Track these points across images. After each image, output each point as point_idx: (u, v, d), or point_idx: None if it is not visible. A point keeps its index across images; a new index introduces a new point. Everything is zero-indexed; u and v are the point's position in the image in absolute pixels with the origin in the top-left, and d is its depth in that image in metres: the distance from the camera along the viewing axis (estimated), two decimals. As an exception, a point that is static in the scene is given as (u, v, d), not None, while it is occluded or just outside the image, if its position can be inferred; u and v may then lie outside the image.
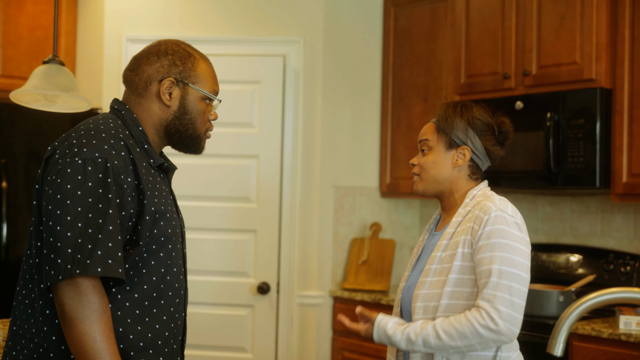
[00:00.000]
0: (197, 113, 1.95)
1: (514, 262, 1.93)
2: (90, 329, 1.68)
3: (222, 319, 4.05)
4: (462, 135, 2.12)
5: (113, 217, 1.71)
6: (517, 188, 3.91)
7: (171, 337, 1.87)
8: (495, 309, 1.88)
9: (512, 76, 3.79)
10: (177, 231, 1.90)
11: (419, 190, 2.18)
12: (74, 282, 1.68)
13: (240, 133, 4.08)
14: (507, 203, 2.05)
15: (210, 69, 1.99)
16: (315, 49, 4.15)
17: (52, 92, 2.74)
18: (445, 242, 2.06)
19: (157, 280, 1.82)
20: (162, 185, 1.89)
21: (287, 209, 4.06)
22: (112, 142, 1.77)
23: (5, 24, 4.14)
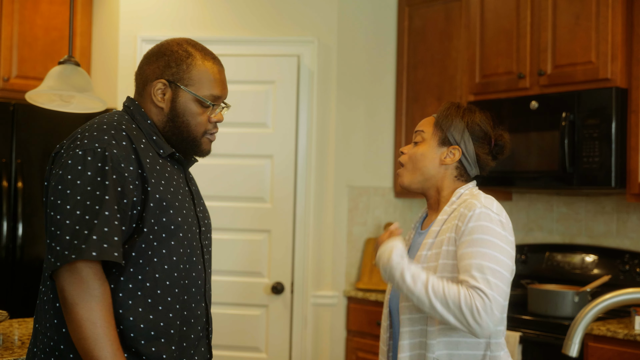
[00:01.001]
0: (189, 115, 1.92)
1: (495, 258, 1.90)
2: (90, 315, 1.70)
3: (236, 318, 4.06)
4: (458, 136, 2.10)
5: (109, 202, 1.74)
6: (532, 188, 3.89)
7: (185, 327, 1.88)
8: (482, 299, 1.85)
9: (527, 76, 3.78)
10: (191, 221, 1.90)
11: (404, 182, 2.15)
12: (74, 268, 1.71)
13: (254, 133, 4.08)
14: (493, 201, 2.02)
15: (211, 71, 1.94)
16: (330, 49, 4.15)
17: (68, 93, 2.76)
18: (430, 240, 2.04)
19: (170, 268, 1.83)
20: (173, 176, 1.91)
21: (301, 209, 4.06)
22: (112, 133, 1.81)
23: (21, 24, 4.17)
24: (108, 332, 1.70)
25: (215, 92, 1.94)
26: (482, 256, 1.89)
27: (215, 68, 1.95)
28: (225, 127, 4.12)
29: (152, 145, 1.89)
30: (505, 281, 1.90)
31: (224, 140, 4.09)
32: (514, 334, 3.39)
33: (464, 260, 1.92)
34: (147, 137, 1.89)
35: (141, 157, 1.82)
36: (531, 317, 3.46)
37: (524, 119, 3.73)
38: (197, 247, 1.93)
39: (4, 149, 3.88)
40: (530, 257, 4.06)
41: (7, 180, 3.87)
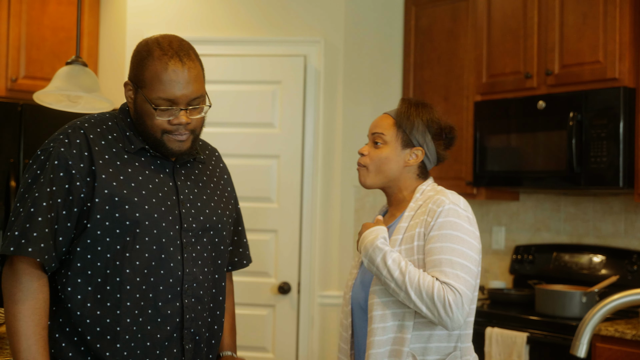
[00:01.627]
0: (146, 117, 1.87)
1: (464, 254, 1.95)
2: (14, 308, 1.76)
3: (243, 318, 4.06)
4: (420, 137, 2.13)
5: (38, 199, 1.79)
6: (540, 188, 3.89)
7: (149, 326, 1.84)
8: (453, 294, 1.90)
9: (534, 75, 3.77)
10: (158, 217, 1.85)
11: (366, 183, 2.17)
12: (10, 262, 1.79)
13: (261, 133, 4.09)
14: (460, 197, 2.07)
15: (163, 73, 1.82)
16: (336, 49, 4.14)
17: (75, 93, 2.77)
18: (399, 236, 2.06)
19: (122, 265, 1.82)
20: (144, 171, 1.88)
21: (307, 209, 4.06)
22: (69, 132, 1.86)
23: (29, 25, 4.18)
24: (26, 327, 1.75)
25: (165, 94, 1.83)
26: (452, 251, 1.95)
27: (170, 67, 1.83)
28: (232, 127, 4.13)
29: (125, 141, 1.90)
30: (473, 275, 1.96)
31: (230, 141, 4.09)
32: (521, 334, 3.38)
33: (434, 255, 1.96)
34: (122, 133, 1.91)
35: (96, 154, 1.84)
36: (538, 317, 3.45)
37: (531, 118, 3.73)
38: (173, 244, 1.88)
39: (12, 149, 3.90)
40: (538, 258, 4.05)
41: (15, 179, 3.88)
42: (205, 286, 1.96)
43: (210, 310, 1.99)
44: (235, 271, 2.31)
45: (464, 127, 4.13)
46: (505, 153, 3.87)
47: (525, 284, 4.04)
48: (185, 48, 1.90)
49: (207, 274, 1.97)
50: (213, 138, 4.10)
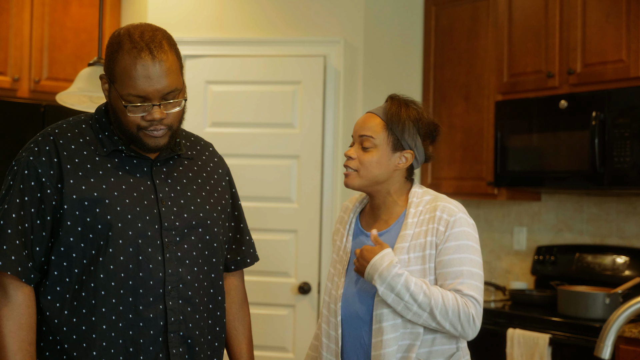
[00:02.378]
0: (119, 112, 1.79)
1: (479, 264, 2.00)
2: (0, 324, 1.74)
3: (263, 318, 4.07)
4: (410, 140, 2.07)
5: (8, 211, 1.77)
6: (562, 188, 3.86)
7: (131, 331, 1.79)
8: (475, 307, 1.94)
9: (556, 75, 3.74)
10: (132, 218, 1.79)
11: (354, 185, 2.09)
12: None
13: (281, 133, 4.09)
14: (459, 205, 2.07)
15: (132, 68, 1.73)
16: (356, 49, 4.14)
17: (97, 94, 2.78)
18: (405, 244, 2.01)
19: (96, 270, 1.77)
20: (117, 172, 1.83)
21: (327, 209, 4.06)
22: (39, 140, 1.83)
23: (51, 27, 4.21)
24: (12, 344, 1.72)
25: (135, 91, 1.74)
26: (470, 262, 1.97)
27: (140, 62, 1.74)
28: (252, 127, 4.14)
29: (97, 143, 1.85)
30: (483, 282, 2.01)
31: (250, 141, 4.10)
32: (543, 335, 3.36)
33: (454, 267, 1.96)
34: (95, 134, 1.86)
35: (64, 159, 1.80)
36: (561, 318, 3.43)
37: (553, 118, 3.70)
38: (152, 244, 1.81)
39: (34, 150, 3.93)
40: (560, 258, 4.02)
41: (38, 180, 3.91)
42: (195, 286, 1.88)
43: (208, 311, 1.92)
44: (254, 270, 2.24)
45: (485, 127, 4.11)
46: (526, 153, 3.84)
47: (547, 285, 4.01)
48: (157, 39, 1.77)
49: (198, 274, 1.89)
50: (233, 138, 4.13)
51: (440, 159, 4.35)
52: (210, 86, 4.13)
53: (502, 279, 4.40)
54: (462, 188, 4.24)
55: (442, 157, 4.34)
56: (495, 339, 3.58)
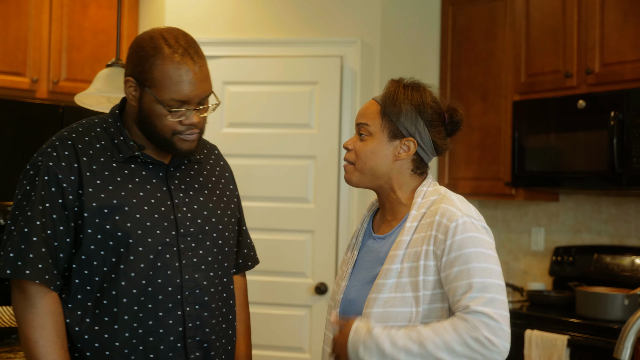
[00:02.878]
0: (154, 117, 1.78)
1: (494, 272, 1.68)
2: (34, 333, 1.71)
3: (279, 319, 4.08)
4: (410, 126, 1.81)
5: (31, 218, 1.73)
6: (580, 189, 3.84)
7: (151, 337, 1.79)
8: (487, 325, 1.63)
9: (574, 74, 3.72)
10: (151, 225, 1.79)
11: (352, 181, 1.86)
12: (19, 284, 1.73)
13: (297, 134, 4.10)
14: (470, 205, 1.79)
15: (175, 73, 1.74)
16: (373, 49, 4.14)
17: (115, 95, 2.80)
18: (400, 252, 1.75)
19: (117, 277, 1.77)
20: (134, 178, 1.82)
21: (344, 209, 4.06)
22: (56, 145, 1.80)
23: (70, 28, 4.24)
24: (50, 353, 1.70)
25: (179, 96, 1.75)
26: (481, 273, 1.67)
27: (183, 67, 1.75)
28: (269, 128, 4.15)
29: (113, 149, 1.83)
30: (504, 292, 1.69)
31: (267, 141, 4.11)
32: (561, 337, 3.34)
33: (462, 280, 1.67)
34: (110, 140, 1.84)
35: (84, 165, 1.78)
36: (579, 320, 3.41)
37: (571, 118, 3.68)
38: (169, 251, 1.81)
39: (53, 151, 3.96)
40: (578, 259, 4.00)
41: (56, 181, 3.94)
42: (211, 292, 1.88)
43: (222, 315, 1.92)
44: (271, 271, 2.23)
45: (502, 127, 4.09)
46: (544, 153, 3.82)
47: (565, 285, 3.98)
48: (192, 44, 1.80)
49: (213, 279, 1.89)
50: (249, 139, 4.14)
51: (458, 159, 4.34)
52: (227, 87, 4.14)
53: (520, 280, 4.39)
54: (480, 188, 4.22)
55: (459, 157, 4.33)
56: (513, 340, 3.53)
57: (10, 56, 4.06)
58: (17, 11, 4.07)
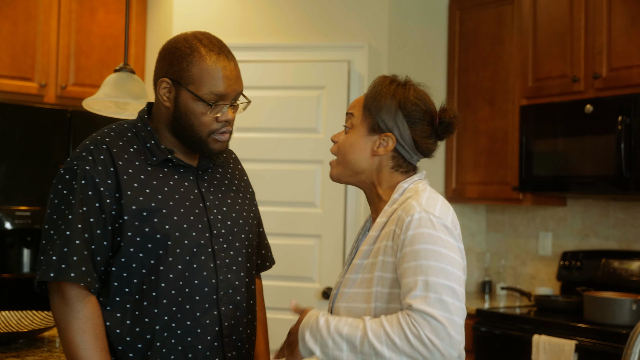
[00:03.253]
0: (192, 115, 1.82)
1: (444, 272, 1.57)
2: (76, 337, 1.72)
3: (286, 323, 4.06)
4: (389, 120, 1.74)
5: (72, 221, 1.74)
6: (588, 193, 3.83)
7: (190, 337, 1.82)
8: (429, 324, 1.52)
9: (582, 79, 3.72)
10: (188, 227, 1.83)
11: (334, 176, 1.83)
12: (58, 289, 1.74)
13: (305, 138, 4.10)
14: (437, 202, 1.68)
15: (213, 68, 1.81)
16: (380, 54, 4.14)
17: (123, 100, 2.81)
18: (367, 247, 1.73)
19: (157, 279, 1.79)
20: (168, 182, 1.85)
21: (352, 214, 4.06)
22: (91, 149, 1.82)
23: (78, 33, 4.26)
24: (94, 354, 1.71)
25: (217, 90, 1.81)
26: (428, 271, 1.56)
27: (220, 64, 1.82)
28: (276, 132, 4.15)
29: (146, 153, 1.86)
30: (459, 297, 1.56)
31: (274, 146, 4.11)
32: (569, 342, 3.33)
33: (407, 277, 1.58)
34: (142, 144, 1.87)
35: (120, 169, 1.80)
36: (587, 325, 3.39)
37: (579, 123, 3.67)
38: (204, 252, 1.85)
39: (61, 155, 3.97)
40: (586, 264, 3.99)
41: (64, 185, 3.96)
42: (242, 291, 1.93)
43: (250, 314, 1.97)
44: (278, 275, 2.26)
45: (510, 131, 4.09)
46: (551, 158, 3.82)
47: (573, 290, 3.97)
48: (224, 45, 1.88)
49: (244, 278, 1.94)
50: (257, 143, 4.14)
51: (465, 163, 4.33)
52: (234, 91, 4.15)
53: (528, 285, 4.37)
54: (487, 193, 4.22)
55: (466, 161, 4.33)
56: (520, 345, 3.55)
57: (19, 61, 4.08)
58: (26, 16, 4.09)
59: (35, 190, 3.90)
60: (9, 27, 4.05)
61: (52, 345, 2.45)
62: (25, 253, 3.93)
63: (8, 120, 3.84)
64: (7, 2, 4.05)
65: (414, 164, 1.81)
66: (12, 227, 3.81)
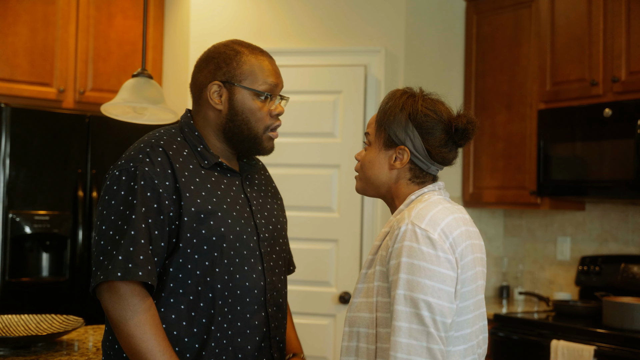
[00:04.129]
0: (248, 112, 1.91)
1: (421, 286, 1.59)
2: (136, 330, 1.72)
3: (303, 328, 4.07)
4: (401, 133, 1.78)
5: (136, 221, 1.76)
6: (606, 198, 3.80)
7: (240, 338, 1.85)
8: (397, 348, 1.58)
9: (600, 83, 3.69)
10: (240, 229, 1.87)
11: (358, 189, 1.90)
12: (112, 287, 1.75)
13: (321, 143, 4.10)
14: (429, 212, 1.68)
15: (262, 63, 1.92)
16: (397, 58, 4.13)
17: (141, 105, 2.82)
18: (371, 257, 1.76)
19: (213, 280, 1.82)
20: (220, 185, 1.89)
21: (368, 218, 4.05)
22: (147, 151, 1.84)
23: (96, 39, 4.29)
24: (158, 344, 1.72)
25: (271, 80, 1.92)
26: (404, 285, 1.61)
27: (266, 60, 1.94)
28: (293, 137, 4.15)
29: (197, 157, 1.89)
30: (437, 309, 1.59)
31: (291, 150, 4.11)
32: (588, 347, 3.30)
33: (392, 291, 1.63)
34: (192, 148, 1.90)
35: (178, 171, 1.83)
36: (606, 330, 3.37)
37: (597, 126, 3.65)
38: (253, 255, 1.90)
39: (80, 160, 4.00)
40: (605, 269, 3.96)
41: (83, 190, 3.98)
42: (283, 294, 1.99)
43: (286, 316, 2.03)
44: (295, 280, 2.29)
45: (528, 135, 4.07)
46: (570, 162, 3.80)
47: (591, 295, 3.94)
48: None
49: (284, 281, 2.01)
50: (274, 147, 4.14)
51: (483, 168, 4.32)
52: (251, 96, 4.16)
53: (546, 290, 4.35)
54: (505, 197, 4.20)
55: (484, 166, 4.31)
56: (539, 350, 3.53)
57: (38, 67, 4.11)
58: (45, 22, 4.13)
59: (54, 195, 3.93)
60: (28, 33, 4.08)
61: (70, 349, 2.46)
62: (44, 257, 3.96)
63: (27, 125, 3.87)
64: (26, 9, 4.08)
65: (433, 174, 1.83)
66: (31, 232, 3.84)
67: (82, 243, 3.95)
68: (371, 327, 1.70)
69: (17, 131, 3.82)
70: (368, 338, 1.70)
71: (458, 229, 1.70)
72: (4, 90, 4.03)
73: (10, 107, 3.82)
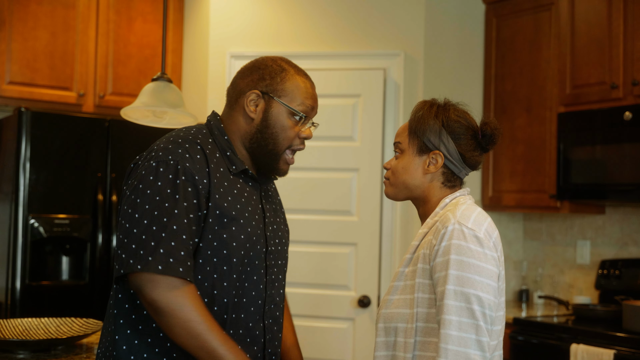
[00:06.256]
0: (279, 128, 1.92)
1: (471, 281, 1.71)
2: (191, 314, 1.70)
3: (322, 331, 4.07)
4: (435, 139, 1.90)
5: (179, 216, 1.74)
6: (626, 201, 3.77)
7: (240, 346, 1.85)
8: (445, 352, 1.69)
9: (620, 86, 3.67)
10: (256, 239, 1.87)
11: (389, 194, 1.98)
12: (155, 279, 1.70)
13: (340, 146, 4.10)
14: (472, 212, 1.82)
15: (304, 85, 1.95)
16: (416, 62, 4.13)
17: (161, 109, 2.83)
18: (409, 256, 1.87)
19: (229, 286, 1.82)
20: (244, 192, 1.89)
21: (387, 222, 4.05)
22: (187, 147, 1.82)
23: (116, 43, 4.32)
24: (211, 325, 1.71)
25: (308, 102, 1.95)
26: (455, 280, 1.72)
27: (308, 83, 1.97)
28: (312, 140, 4.14)
29: (225, 161, 1.89)
30: (486, 303, 1.72)
31: (310, 154, 4.11)
32: (607, 351, 3.28)
33: (439, 287, 1.74)
34: (221, 152, 1.89)
35: (212, 171, 1.82)
36: (626, 334, 3.34)
37: (617, 130, 3.62)
38: (260, 266, 1.90)
39: (100, 164, 4.02)
40: (625, 273, 3.92)
41: (103, 193, 4.00)
42: (280, 307, 1.99)
43: (281, 329, 2.02)
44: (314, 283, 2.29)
45: (547, 139, 4.05)
46: (590, 165, 3.77)
47: (611, 299, 3.91)
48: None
49: (282, 295, 2.01)
50: (293, 151, 4.15)
51: (502, 171, 4.30)
52: (270, 100, 4.17)
53: (566, 294, 4.32)
54: (524, 201, 4.18)
55: (503, 169, 4.29)
56: (558, 354, 3.51)
57: (58, 71, 4.14)
58: (65, 26, 4.16)
59: (74, 199, 3.96)
60: (48, 38, 4.12)
61: (90, 352, 2.47)
62: (64, 261, 3.98)
63: (47, 129, 3.89)
64: (46, 13, 4.12)
65: (462, 178, 1.96)
66: (52, 235, 3.87)
67: (102, 246, 3.98)
68: (410, 322, 1.80)
69: (37, 135, 3.84)
70: (407, 332, 1.80)
71: (495, 230, 1.85)
72: (24, 95, 4.07)
73: (31, 111, 3.85)
